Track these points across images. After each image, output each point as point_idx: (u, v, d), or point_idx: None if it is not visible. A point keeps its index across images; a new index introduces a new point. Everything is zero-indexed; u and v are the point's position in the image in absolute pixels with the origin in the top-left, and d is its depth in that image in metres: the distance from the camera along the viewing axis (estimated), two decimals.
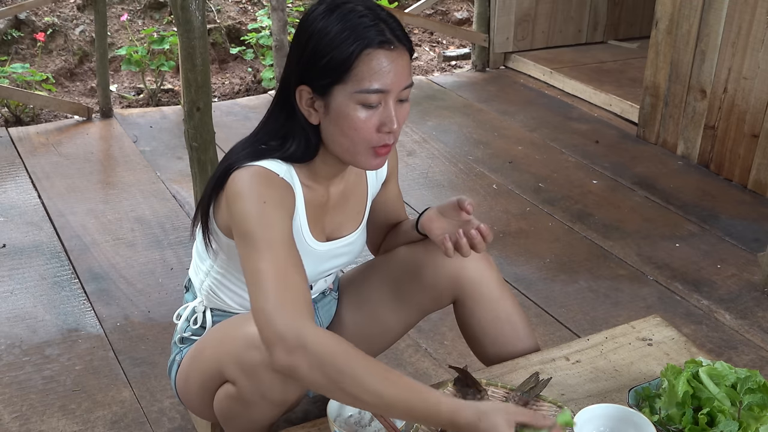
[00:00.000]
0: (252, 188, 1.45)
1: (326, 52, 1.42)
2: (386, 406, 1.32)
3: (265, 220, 1.42)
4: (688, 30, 3.70)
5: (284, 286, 1.36)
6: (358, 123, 1.44)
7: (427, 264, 1.76)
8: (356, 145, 1.48)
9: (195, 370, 1.68)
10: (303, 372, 1.31)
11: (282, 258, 1.39)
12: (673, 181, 3.65)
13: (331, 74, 1.43)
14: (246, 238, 1.42)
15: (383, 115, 1.45)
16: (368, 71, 1.42)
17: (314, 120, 1.49)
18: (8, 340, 2.49)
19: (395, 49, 1.44)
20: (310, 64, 1.45)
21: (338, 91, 1.44)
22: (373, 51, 1.41)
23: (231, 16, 5.32)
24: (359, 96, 1.43)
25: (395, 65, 1.43)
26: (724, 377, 1.49)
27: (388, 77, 1.43)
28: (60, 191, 3.40)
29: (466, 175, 3.66)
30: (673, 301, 2.78)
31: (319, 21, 1.44)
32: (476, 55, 5.01)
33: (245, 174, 1.47)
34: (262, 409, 1.52)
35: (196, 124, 2.41)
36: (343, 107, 1.44)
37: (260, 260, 1.38)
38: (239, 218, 1.44)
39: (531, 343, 1.79)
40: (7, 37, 4.78)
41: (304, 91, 1.47)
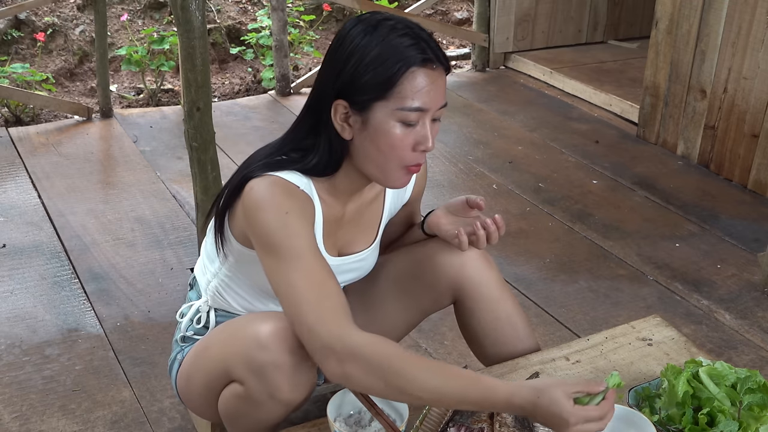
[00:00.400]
0: (273, 199, 1.45)
1: (370, 69, 1.43)
2: (444, 399, 1.35)
3: (289, 230, 1.42)
4: (688, 30, 3.70)
5: (321, 295, 1.38)
6: (395, 140, 1.45)
7: (428, 265, 1.77)
8: (390, 162, 1.48)
9: (199, 369, 1.68)
10: (358, 379, 1.34)
11: (313, 267, 1.40)
12: (673, 181, 3.65)
13: (374, 90, 1.44)
14: (271, 250, 1.42)
15: (420, 134, 1.47)
16: (411, 89, 1.43)
17: (347, 135, 1.49)
18: (8, 340, 2.49)
19: (436, 69, 1.46)
20: (351, 79, 1.45)
21: (379, 108, 1.44)
22: (417, 69, 1.43)
23: (231, 16, 5.32)
24: (400, 113, 1.44)
25: (435, 85, 1.45)
26: (724, 377, 1.50)
27: (428, 96, 1.44)
28: (60, 191, 3.40)
29: (466, 175, 3.66)
30: (673, 301, 2.78)
31: (361, 38, 1.45)
32: (476, 55, 5.01)
33: (263, 184, 1.46)
34: (270, 408, 1.52)
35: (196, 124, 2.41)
36: (382, 124, 1.45)
37: (291, 272, 1.39)
38: (261, 230, 1.43)
39: (531, 343, 1.79)
40: (7, 37, 4.78)
41: (341, 105, 1.47)
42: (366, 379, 1.34)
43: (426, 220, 1.78)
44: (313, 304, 1.37)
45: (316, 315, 1.36)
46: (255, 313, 1.61)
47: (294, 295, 1.38)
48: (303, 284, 1.38)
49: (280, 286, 1.41)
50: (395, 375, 1.33)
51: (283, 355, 1.44)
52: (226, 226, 1.58)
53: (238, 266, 1.64)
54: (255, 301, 1.70)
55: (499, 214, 1.68)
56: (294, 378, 1.46)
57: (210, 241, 1.71)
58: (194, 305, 1.77)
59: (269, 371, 1.45)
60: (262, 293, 1.68)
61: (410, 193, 1.81)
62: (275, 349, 1.44)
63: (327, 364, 1.35)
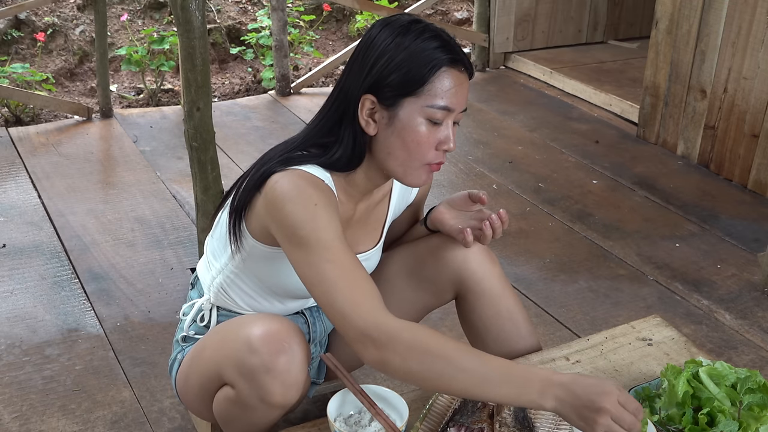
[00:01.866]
0: (301, 192, 1.45)
1: (403, 67, 1.47)
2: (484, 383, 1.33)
3: (318, 222, 1.43)
4: (688, 30, 3.70)
5: (354, 284, 1.39)
6: (421, 137, 1.49)
7: (430, 259, 1.77)
8: (413, 159, 1.51)
9: (195, 371, 1.68)
10: (396, 364, 1.34)
11: (343, 257, 1.41)
12: (673, 181, 3.65)
13: (405, 87, 1.48)
14: (300, 242, 1.42)
15: (443, 133, 1.51)
16: (441, 88, 1.48)
17: (371, 131, 1.52)
18: (8, 340, 2.49)
19: (464, 73, 1.51)
20: (382, 76, 1.49)
21: (408, 104, 1.48)
22: (448, 69, 1.48)
23: (231, 16, 5.32)
24: (428, 111, 1.48)
25: (462, 87, 1.51)
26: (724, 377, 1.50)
27: (455, 97, 1.49)
28: (60, 191, 3.40)
29: (466, 175, 3.66)
30: (673, 301, 2.78)
31: (393, 38, 1.50)
32: (476, 55, 5.01)
33: (289, 177, 1.47)
34: (261, 412, 1.52)
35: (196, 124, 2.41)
36: (410, 120, 1.48)
37: (322, 263, 1.40)
38: (289, 222, 1.43)
39: (532, 340, 1.79)
40: (7, 37, 4.78)
41: (368, 100, 1.50)
42: (403, 364, 1.34)
43: (429, 216, 1.79)
44: (346, 292, 1.38)
45: (350, 303, 1.37)
46: (248, 316, 1.61)
47: (326, 285, 1.39)
48: (334, 274, 1.39)
49: (311, 278, 1.42)
50: (432, 357, 1.33)
51: (273, 359, 1.44)
52: (243, 221, 1.58)
53: (247, 263, 1.64)
54: (261, 299, 1.70)
55: (503, 209, 1.70)
56: (285, 381, 1.45)
57: (216, 237, 1.71)
58: (197, 303, 1.77)
59: (259, 375, 1.45)
60: (269, 291, 1.68)
61: (415, 196, 1.82)
62: (265, 352, 1.44)
63: (365, 352, 1.36)
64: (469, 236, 1.69)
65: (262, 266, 1.61)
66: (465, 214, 1.74)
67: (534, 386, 1.32)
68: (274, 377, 1.44)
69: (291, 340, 1.45)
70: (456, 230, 1.72)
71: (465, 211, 1.74)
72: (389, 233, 1.86)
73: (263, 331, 1.46)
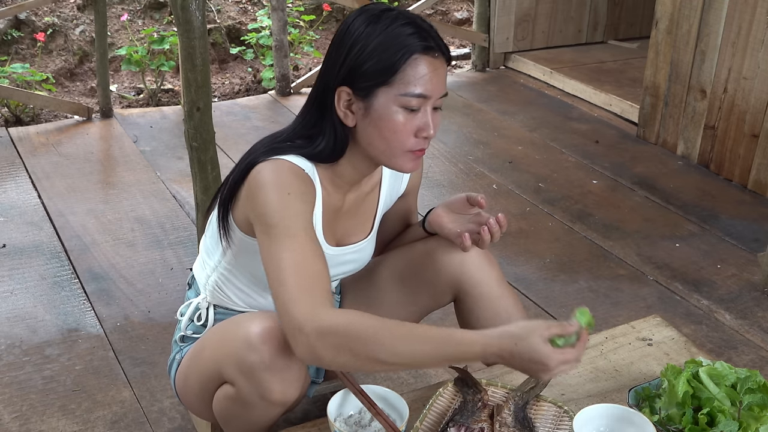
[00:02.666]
0: (277, 180, 1.47)
1: (374, 55, 1.47)
2: (420, 363, 1.38)
3: (289, 211, 1.44)
4: (688, 30, 3.70)
5: (303, 275, 1.38)
6: (398, 126, 1.48)
7: (428, 262, 1.77)
8: (393, 148, 1.51)
9: (194, 370, 1.68)
10: (329, 357, 1.34)
11: (303, 248, 1.41)
12: (673, 181, 3.65)
13: (377, 76, 1.47)
14: (268, 229, 1.43)
15: (421, 120, 1.50)
16: (414, 75, 1.47)
17: (350, 122, 1.52)
18: (8, 340, 2.49)
19: (438, 58, 1.50)
20: (354, 66, 1.48)
21: (382, 93, 1.48)
22: (420, 56, 1.47)
23: (231, 16, 5.32)
24: (403, 99, 1.47)
25: (437, 73, 1.49)
26: (724, 377, 1.50)
27: (430, 83, 1.48)
28: (60, 191, 3.40)
29: (466, 175, 3.66)
30: (673, 301, 2.78)
31: (365, 26, 1.49)
32: (476, 55, 5.01)
33: (270, 167, 1.49)
34: (261, 410, 1.52)
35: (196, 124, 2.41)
36: (385, 109, 1.48)
37: (281, 251, 1.40)
38: (262, 209, 1.45)
39: None
40: (7, 37, 4.78)
41: (344, 92, 1.50)
42: (337, 356, 1.33)
43: (427, 218, 1.78)
44: (292, 284, 1.37)
45: (292, 295, 1.36)
46: (247, 314, 1.62)
47: (278, 273, 1.39)
48: (288, 264, 1.39)
49: (268, 264, 1.42)
50: (366, 346, 1.32)
51: (272, 356, 1.44)
52: (230, 214, 1.59)
53: (239, 258, 1.64)
54: (255, 295, 1.70)
55: (502, 213, 1.69)
56: (284, 379, 1.46)
57: (209, 235, 1.71)
58: (193, 303, 1.77)
59: (259, 372, 1.45)
60: (263, 286, 1.67)
61: (405, 186, 1.81)
62: (264, 349, 1.44)
63: (296, 346, 1.35)
64: (467, 241, 1.68)
65: (253, 260, 1.61)
66: (463, 217, 1.73)
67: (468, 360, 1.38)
68: (273, 374, 1.44)
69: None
70: (454, 234, 1.72)
71: (463, 214, 1.73)
72: (385, 232, 1.86)
73: (263, 328, 1.46)
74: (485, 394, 1.54)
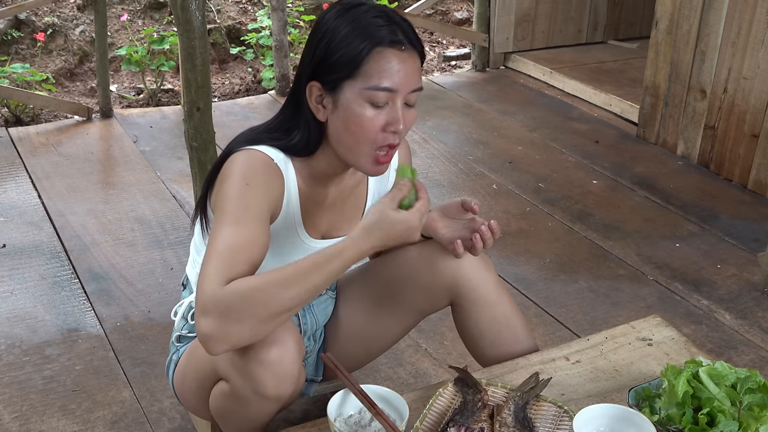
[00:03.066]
0: (240, 170, 1.49)
1: (339, 48, 1.46)
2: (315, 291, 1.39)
3: (240, 201, 1.45)
4: (688, 30, 3.70)
5: (228, 259, 1.39)
6: (364, 120, 1.47)
7: (424, 266, 1.76)
8: (360, 144, 1.50)
9: (191, 369, 1.68)
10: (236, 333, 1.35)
11: (241, 236, 1.42)
12: (673, 181, 3.65)
13: (342, 70, 1.46)
14: (219, 214, 1.46)
15: (390, 114, 1.48)
16: (378, 69, 1.45)
17: (321, 116, 1.52)
18: (8, 340, 2.49)
19: (406, 51, 1.47)
20: (322, 60, 1.48)
21: (348, 87, 1.47)
22: (384, 50, 1.45)
23: (231, 16, 5.32)
24: (368, 93, 1.46)
25: (405, 66, 1.47)
26: (724, 377, 1.49)
27: (397, 77, 1.46)
28: (60, 191, 3.40)
29: (466, 175, 3.66)
30: (673, 301, 2.78)
31: (333, 20, 1.48)
32: (476, 55, 5.01)
33: (241, 156, 1.51)
34: (257, 405, 1.52)
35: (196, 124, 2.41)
36: (351, 103, 1.47)
37: (219, 235, 1.42)
38: (221, 197, 1.48)
39: (529, 344, 1.79)
40: (7, 37, 4.78)
41: (315, 87, 1.50)
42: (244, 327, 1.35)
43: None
44: (212, 265, 1.38)
45: (206, 275, 1.37)
46: None
47: (207, 255, 1.41)
48: (220, 248, 1.40)
49: (207, 247, 1.43)
50: (264, 306, 1.34)
51: (265, 351, 1.44)
52: (209, 205, 1.59)
53: None
54: None
55: (494, 221, 1.68)
56: (277, 373, 1.45)
57: (197, 232, 1.71)
58: (185, 301, 1.78)
59: (252, 367, 1.45)
60: None
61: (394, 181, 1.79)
62: (257, 344, 1.44)
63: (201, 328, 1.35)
64: (459, 248, 1.67)
65: None
66: (457, 222, 1.71)
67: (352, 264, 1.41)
68: (266, 369, 1.44)
69: (283, 333, 1.45)
70: (447, 240, 1.71)
71: (457, 219, 1.72)
72: None
73: None
74: (485, 394, 1.54)
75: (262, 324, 1.36)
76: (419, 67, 1.51)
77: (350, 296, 1.88)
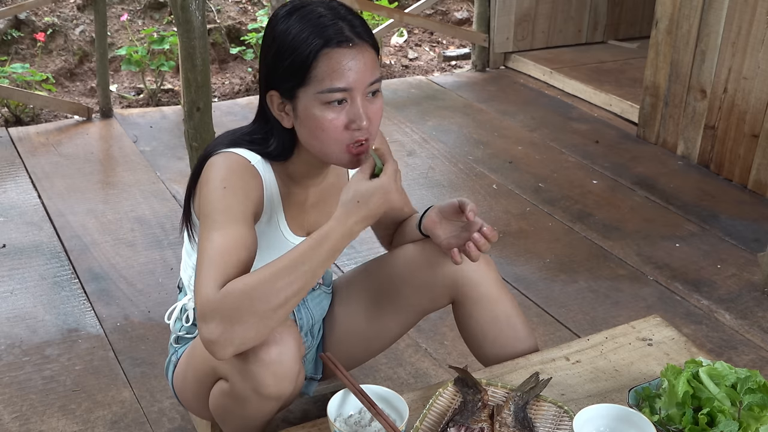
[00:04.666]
0: (218, 174, 1.49)
1: (286, 56, 1.44)
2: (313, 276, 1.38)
3: (220, 204, 1.45)
4: (688, 30, 3.70)
5: (218, 264, 1.39)
6: (324, 123, 1.45)
7: (425, 265, 1.76)
8: (327, 146, 1.49)
9: (190, 369, 1.69)
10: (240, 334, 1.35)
11: (227, 240, 1.42)
12: (673, 181, 3.65)
13: (293, 77, 1.45)
14: (203, 219, 1.46)
15: (350, 112, 1.46)
16: (327, 71, 1.43)
17: (287, 124, 1.52)
18: (8, 340, 2.49)
19: (354, 46, 1.44)
20: (273, 69, 1.47)
21: (302, 94, 1.46)
22: (330, 50, 1.43)
23: (231, 16, 5.32)
24: (322, 96, 1.44)
25: (356, 62, 1.44)
26: (724, 377, 1.49)
27: (349, 75, 1.44)
28: (60, 191, 3.40)
29: (466, 175, 3.66)
30: (673, 301, 2.78)
31: (280, 24, 1.47)
32: (476, 55, 5.00)
33: (219, 159, 1.52)
34: (256, 404, 1.52)
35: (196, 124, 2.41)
36: (308, 109, 1.46)
37: (206, 241, 1.42)
38: (203, 203, 1.48)
39: (530, 343, 1.79)
40: (7, 37, 4.78)
41: (274, 96, 1.50)
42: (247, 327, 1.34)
43: (422, 222, 1.76)
44: (205, 271, 1.38)
45: (204, 281, 1.37)
46: None
47: (199, 261, 1.41)
48: (209, 254, 1.40)
49: (197, 253, 1.44)
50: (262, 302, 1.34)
51: (264, 350, 1.44)
52: (192, 209, 1.59)
53: None
54: None
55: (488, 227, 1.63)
56: (277, 372, 1.45)
57: (187, 235, 1.71)
58: (179, 304, 1.79)
59: (251, 366, 1.45)
60: None
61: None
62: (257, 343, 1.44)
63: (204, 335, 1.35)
64: (457, 257, 1.65)
65: None
66: (455, 225, 1.68)
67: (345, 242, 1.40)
68: (266, 368, 1.44)
69: (282, 331, 1.45)
70: (445, 246, 1.69)
71: (455, 221, 1.69)
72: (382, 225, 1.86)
73: None
74: (485, 394, 1.54)
75: (264, 320, 1.35)
76: (373, 58, 1.48)
77: (349, 295, 1.88)
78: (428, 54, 5.42)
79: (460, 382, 1.58)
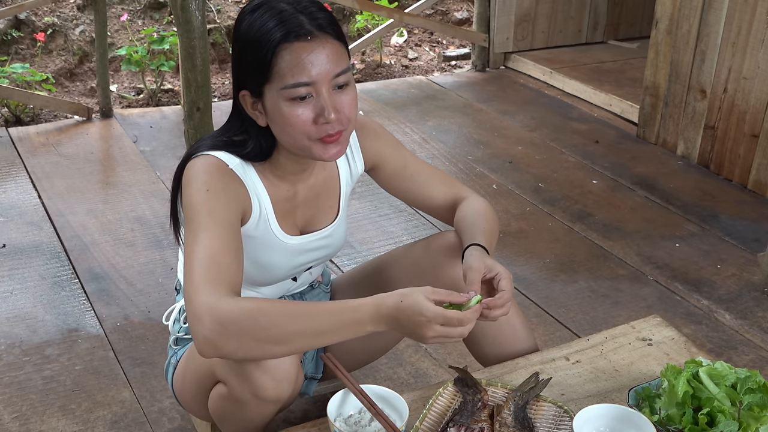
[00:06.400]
0: (198, 176, 1.48)
1: (249, 54, 1.44)
2: (319, 336, 1.36)
3: (203, 207, 1.45)
4: (688, 30, 3.70)
5: (209, 267, 1.38)
6: (292, 119, 1.44)
7: (427, 265, 1.76)
8: (298, 141, 1.47)
9: (189, 371, 1.68)
10: (231, 347, 1.33)
11: (213, 243, 1.41)
12: (673, 181, 3.65)
13: (257, 75, 1.44)
14: (187, 223, 1.46)
15: (317, 106, 1.44)
16: (287, 66, 1.42)
17: (262, 122, 1.51)
18: (8, 340, 2.49)
19: (314, 39, 1.42)
20: (240, 68, 1.47)
21: (268, 91, 1.45)
22: (288, 45, 1.41)
23: (231, 16, 5.32)
24: (285, 92, 1.43)
25: (317, 55, 1.42)
26: (724, 377, 1.49)
27: (311, 68, 1.42)
28: (60, 191, 3.40)
29: (466, 175, 3.66)
30: (673, 301, 2.78)
31: (244, 22, 1.46)
32: (476, 55, 5.01)
33: (199, 162, 1.51)
34: (255, 407, 1.52)
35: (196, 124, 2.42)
36: (275, 106, 1.45)
37: (193, 244, 1.41)
38: (186, 205, 1.48)
39: (530, 343, 1.79)
40: (7, 37, 4.78)
41: (246, 95, 1.49)
42: (240, 345, 1.33)
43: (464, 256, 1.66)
44: (197, 275, 1.37)
45: (196, 285, 1.36)
46: None
47: (188, 265, 1.40)
48: (198, 256, 1.39)
49: (184, 258, 1.43)
50: (265, 330, 1.32)
51: None
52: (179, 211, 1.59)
53: None
54: None
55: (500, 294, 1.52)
56: (275, 375, 1.45)
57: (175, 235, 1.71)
58: (177, 305, 1.78)
59: (250, 370, 1.45)
60: None
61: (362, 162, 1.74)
62: None
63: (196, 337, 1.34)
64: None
65: None
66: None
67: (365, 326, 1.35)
68: (264, 371, 1.44)
69: None
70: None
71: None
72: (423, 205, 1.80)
73: None
74: (485, 394, 1.54)
75: (256, 346, 1.34)
76: (336, 50, 1.45)
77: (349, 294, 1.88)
78: (428, 54, 5.42)
79: (460, 382, 1.58)
